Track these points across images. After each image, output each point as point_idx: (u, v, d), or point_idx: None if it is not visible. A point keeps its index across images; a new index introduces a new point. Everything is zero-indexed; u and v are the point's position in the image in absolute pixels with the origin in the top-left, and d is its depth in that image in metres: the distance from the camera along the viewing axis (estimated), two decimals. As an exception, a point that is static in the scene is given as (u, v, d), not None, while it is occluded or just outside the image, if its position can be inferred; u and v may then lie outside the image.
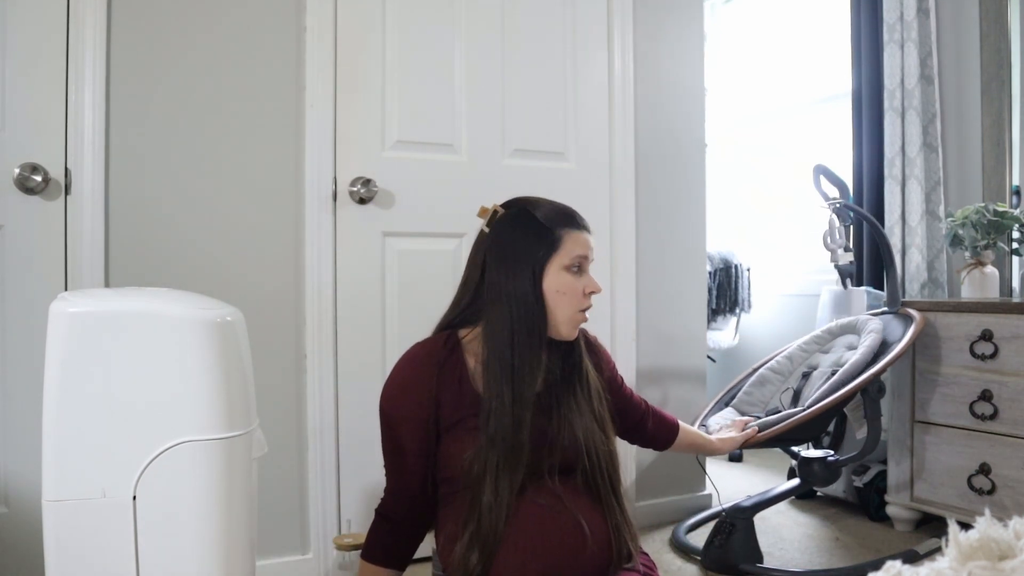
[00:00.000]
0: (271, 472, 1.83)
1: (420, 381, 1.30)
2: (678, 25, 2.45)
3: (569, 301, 1.29)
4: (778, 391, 2.19)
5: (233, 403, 1.06)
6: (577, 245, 1.30)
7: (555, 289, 1.28)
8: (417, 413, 1.29)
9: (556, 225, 1.31)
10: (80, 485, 1.00)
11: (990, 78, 2.48)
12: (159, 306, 1.06)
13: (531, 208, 1.32)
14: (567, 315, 1.30)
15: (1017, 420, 1.94)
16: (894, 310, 2.22)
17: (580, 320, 1.32)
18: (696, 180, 2.49)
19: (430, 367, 1.31)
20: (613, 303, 2.32)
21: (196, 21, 1.83)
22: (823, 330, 2.30)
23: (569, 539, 1.22)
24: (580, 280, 1.30)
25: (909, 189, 2.58)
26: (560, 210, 1.34)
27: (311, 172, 1.92)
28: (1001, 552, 0.50)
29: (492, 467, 1.22)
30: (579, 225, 1.33)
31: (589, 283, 1.31)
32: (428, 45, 2.07)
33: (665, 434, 1.64)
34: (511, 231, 1.31)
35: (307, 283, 1.92)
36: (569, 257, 1.29)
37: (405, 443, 1.31)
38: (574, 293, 1.29)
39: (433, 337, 1.36)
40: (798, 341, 2.31)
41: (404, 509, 1.35)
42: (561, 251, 1.29)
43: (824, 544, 2.16)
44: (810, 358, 2.26)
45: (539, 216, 1.31)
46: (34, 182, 1.66)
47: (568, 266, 1.29)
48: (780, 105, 3.49)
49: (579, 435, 1.28)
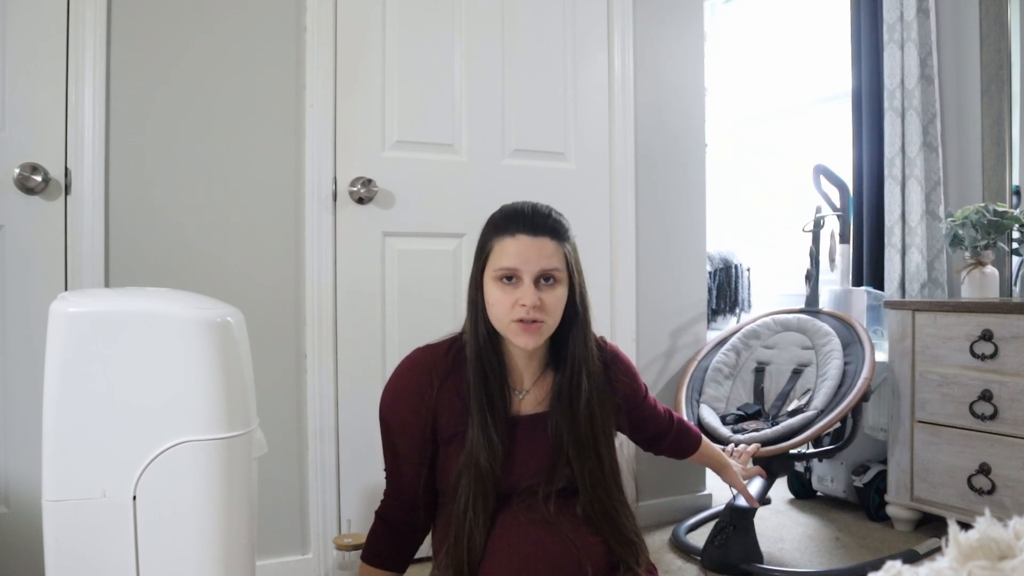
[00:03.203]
0: (271, 472, 1.82)
1: (418, 390, 1.27)
2: (678, 25, 2.45)
3: (498, 312, 1.22)
4: (732, 385, 2.34)
5: (233, 403, 1.06)
6: (502, 256, 1.21)
7: (487, 302, 1.23)
8: (414, 422, 1.27)
9: (491, 233, 1.25)
10: (80, 485, 1.00)
11: (990, 78, 2.48)
12: (159, 306, 1.06)
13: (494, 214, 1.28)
14: (502, 325, 1.22)
15: (1017, 420, 1.94)
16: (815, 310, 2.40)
17: (519, 329, 1.20)
18: (696, 180, 2.49)
19: (430, 376, 1.27)
20: (613, 303, 2.32)
21: (196, 21, 1.83)
22: (758, 324, 2.42)
23: (561, 563, 1.19)
24: (512, 292, 1.20)
25: (909, 189, 2.58)
26: (505, 214, 1.26)
27: (311, 172, 1.92)
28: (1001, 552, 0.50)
29: (466, 488, 1.20)
30: (510, 231, 1.22)
31: (521, 295, 1.19)
32: (428, 45, 2.07)
33: (681, 451, 1.58)
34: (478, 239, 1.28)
35: (307, 283, 1.92)
36: (494, 269, 1.22)
37: (401, 450, 1.29)
38: (501, 305, 1.21)
39: (437, 343, 1.33)
40: (733, 335, 2.43)
41: (402, 513, 1.33)
42: (489, 262, 1.23)
43: (824, 544, 2.16)
44: (754, 352, 2.38)
45: (487, 222, 1.27)
46: (34, 182, 1.66)
47: (497, 278, 1.21)
48: (780, 105, 3.49)
49: (573, 460, 1.24)
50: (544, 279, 1.21)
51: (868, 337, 2.17)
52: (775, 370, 2.33)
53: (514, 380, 1.31)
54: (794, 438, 2.00)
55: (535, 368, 1.32)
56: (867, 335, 2.18)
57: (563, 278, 1.24)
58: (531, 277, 1.19)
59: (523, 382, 1.31)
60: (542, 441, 1.27)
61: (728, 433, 2.08)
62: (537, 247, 1.20)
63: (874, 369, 2.08)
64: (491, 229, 1.25)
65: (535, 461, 1.25)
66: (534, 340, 1.21)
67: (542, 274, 1.20)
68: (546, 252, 1.21)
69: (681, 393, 2.30)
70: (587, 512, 1.25)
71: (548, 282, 1.22)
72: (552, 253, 1.22)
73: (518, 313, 1.19)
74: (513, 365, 1.30)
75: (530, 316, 1.19)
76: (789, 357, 2.32)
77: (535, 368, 1.32)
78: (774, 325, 2.39)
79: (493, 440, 1.21)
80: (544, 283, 1.21)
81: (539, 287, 1.20)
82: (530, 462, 1.25)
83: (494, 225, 1.26)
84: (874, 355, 2.12)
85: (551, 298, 1.22)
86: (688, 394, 2.30)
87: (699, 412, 2.22)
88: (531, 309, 1.18)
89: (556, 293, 1.23)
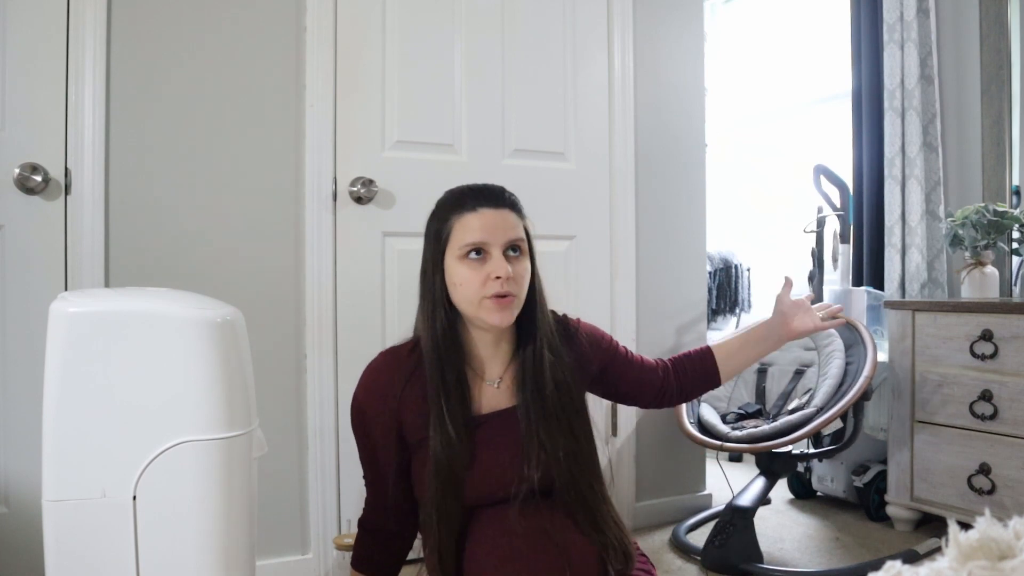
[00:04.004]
0: (271, 472, 1.83)
1: (381, 395, 1.24)
2: (678, 25, 2.45)
3: (468, 291, 1.17)
4: (734, 385, 2.37)
5: (233, 403, 1.06)
6: (467, 231, 1.18)
7: (453, 283, 1.19)
8: (380, 427, 1.24)
9: (448, 213, 1.22)
10: (80, 485, 1.00)
11: (990, 78, 2.48)
12: (159, 306, 1.06)
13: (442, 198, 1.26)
14: (472, 305, 1.17)
15: (1017, 420, 1.94)
16: None
17: (493, 305, 1.16)
18: (696, 180, 2.49)
19: (391, 377, 1.24)
20: (613, 303, 2.32)
21: (196, 21, 1.83)
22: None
23: (548, 563, 1.15)
24: (482, 268, 1.17)
25: (909, 189, 2.58)
26: (459, 193, 1.24)
27: (311, 172, 1.92)
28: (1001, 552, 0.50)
29: (433, 492, 1.17)
30: (470, 206, 1.20)
31: (493, 267, 1.16)
32: (428, 45, 2.07)
33: (700, 377, 1.43)
34: (427, 224, 1.25)
35: (307, 283, 1.92)
36: (459, 247, 1.18)
37: (372, 456, 1.27)
38: (471, 283, 1.16)
39: (400, 345, 1.29)
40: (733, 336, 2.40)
41: (383, 521, 1.29)
42: (451, 241, 1.19)
43: (824, 544, 2.16)
44: None
45: (436, 207, 1.25)
46: (34, 182, 1.66)
47: (463, 255, 1.18)
48: (780, 105, 3.49)
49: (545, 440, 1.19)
50: (512, 250, 1.20)
51: (871, 337, 2.17)
52: (777, 371, 2.35)
53: (482, 369, 1.25)
54: (792, 434, 1.99)
55: (505, 353, 1.27)
56: (870, 335, 2.18)
57: (527, 251, 1.23)
58: (500, 249, 1.18)
59: (493, 370, 1.26)
60: (514, 436, 1.21)
61: (727, 431, 2.08)
62: (502, 218, 1.20)
63: (876, 367, 2.08)
64: (447, 210, 1.23)
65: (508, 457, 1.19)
66: (509, 315, 1.18)
67: (509, 245, 1.19)
68: (511, 223, 1.20)
69: None
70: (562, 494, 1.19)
71: (515, 253, 1.20)
72: (516, 224, 1.21)
73: (492, 288, 1.16)
74: (476, 354, 1.25)
75: (504, 289, 1.16)
76: (791, 358, 2.33)
77: (505, 353, 1.27)
78: None
79: (451, 436, 1.16)
80: (512, 254, 1.19)
81: (507, 259, 1.18)
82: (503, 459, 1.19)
83: (449, 206, 1.23)
84: (876, 354, 2.12)
85: (520, 268, 1.20)
86: None
87: (699, 411, 2.22)
88: (505, 281, 1.16)
89: (524, 264, 1.21)
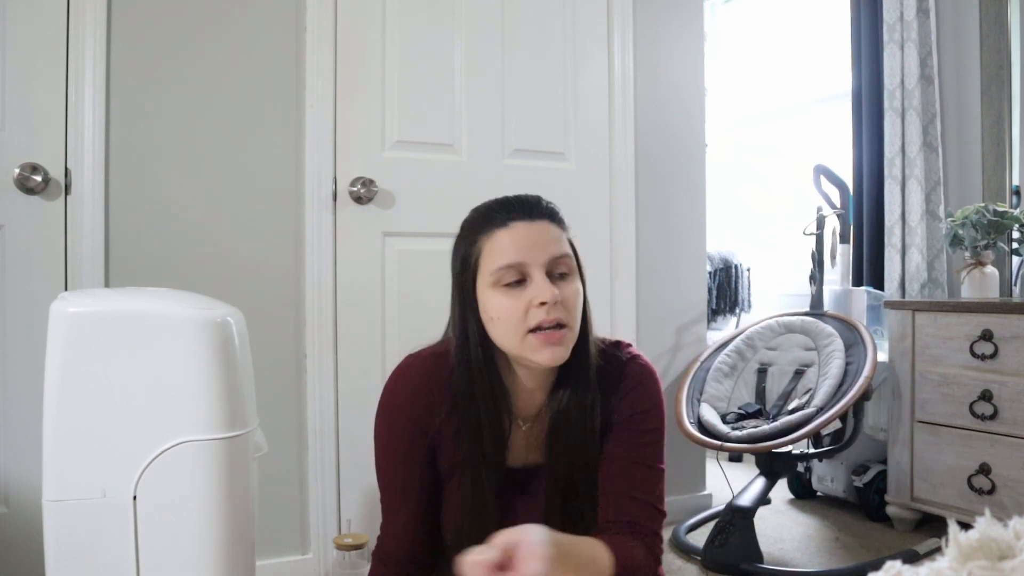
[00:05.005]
0: (271, 472, 1.82)
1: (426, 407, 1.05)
2: (678, 25, 2.45)
3: (507, 326, 0.97)
4: (734, 384, 2.36)
5: (233, 403, 1.06)
6: (499, 252, 0.97)
7: (489, 317, 0.99)
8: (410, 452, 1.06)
9: (475, 234, 1.01)
10: (80, 485, 1.00)
11: (990, 78, 2.48)
12: (159, 306, 1.06)
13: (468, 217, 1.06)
14: (514, 343, 0.98)
15: (1017, 420, 1.94)
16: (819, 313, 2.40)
17: (540, 341, 0.96)
18: (696, 180, 2.49)
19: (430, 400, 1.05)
20: (613, 303, 2.32)
21: (196, 21, 1.83)
22: (762, 327, 2.43)
23: None
24: (522, 294, 0.96)
25: (909, 189, 2.58)
26: (486, 209, 1.03)
27: (311, 172, 1.92)
28: (1001, 552, 0.50)
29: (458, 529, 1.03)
30: (500, 221, 0.99)
31: (535, 292, 0.96)
32: (428, 45, 2.07)
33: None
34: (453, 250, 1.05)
35: (307, 283, 1.92)
36: (491, 272, 0.98)
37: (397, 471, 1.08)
38: (510, 316, 0.96)
39: (435, 352, 1.09)
40: (736, 337, 2.43)
41: (402, 553, 1.08)
42: (482, 266, 0.99)
43: (824, 544, 2.16)
44: (757, 354, 2.39)
45: (460, 229, 1.05)
46: (34, 182, 1.66)
47: (497, 282, 0.97)
48: (780, 105, 3.49)
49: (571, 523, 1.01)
50: (557, 272, 0.99)
51: (871, 337, 2.17)
52: (777, 371, 2.35)
53: (516, 407, 1.07)
54: (792, 434, 1.98)
55: (543, 391, 1.07)
56: (870, 336, 2.18)
57: (575, 269, 1.02)
58: (542, 270, 0.97)
59: (528, 409, 1.08)
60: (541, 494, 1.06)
61: (727, 431, 2.08)
62: (539, 231, 0.99)
63: (876, 367, 2.08)
64: (473, 230, 1.02)
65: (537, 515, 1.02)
66: (562, 351, 0.97)
67: (553, 264, 0.98)
68: (551, 236, 1.00)
69: (682, 392, 2.30)
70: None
71: (561, 276, 0.99)
72: (558, 237, 1.01)
73: (535, 318, 0.95)
74: (514, 390, 1.06)
75: (552, 317, 0.95)
76: (792, 358, 2.33)
77: (543, 391, 1.07)
78: (777, 327, 2.40)
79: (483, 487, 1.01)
80: (557, 277, 0.99)
81: (553, 282, 0.97)
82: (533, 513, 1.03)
83: (476, 225, 1.02)
84: (876, 354, 2.12)
85: (570, 292, 0.99)
86: (689, 393, 2.30)
87: (699, 411, 2.22)
88: (552, 307, 0.95)
89: (574, 286, 1.00)
